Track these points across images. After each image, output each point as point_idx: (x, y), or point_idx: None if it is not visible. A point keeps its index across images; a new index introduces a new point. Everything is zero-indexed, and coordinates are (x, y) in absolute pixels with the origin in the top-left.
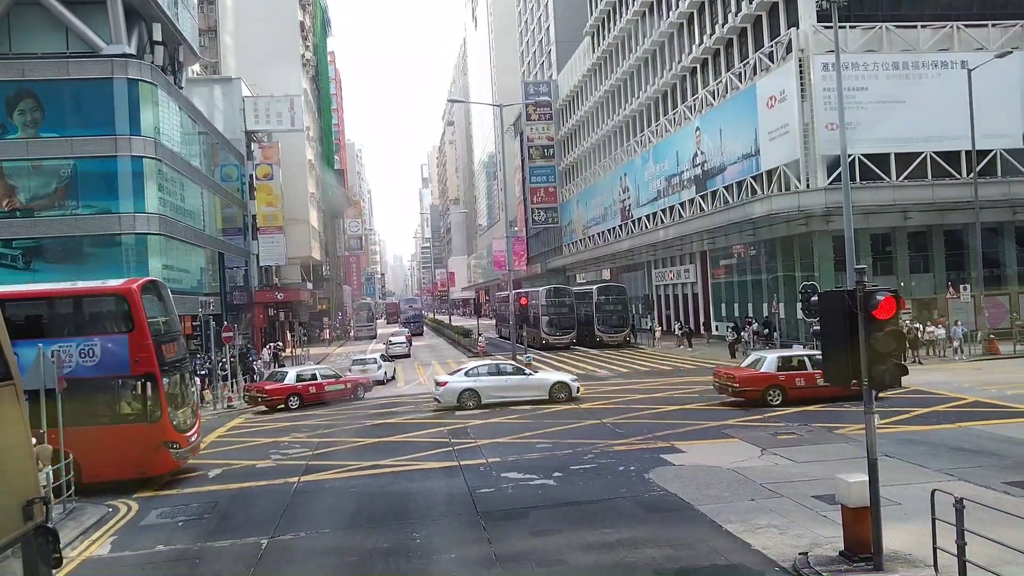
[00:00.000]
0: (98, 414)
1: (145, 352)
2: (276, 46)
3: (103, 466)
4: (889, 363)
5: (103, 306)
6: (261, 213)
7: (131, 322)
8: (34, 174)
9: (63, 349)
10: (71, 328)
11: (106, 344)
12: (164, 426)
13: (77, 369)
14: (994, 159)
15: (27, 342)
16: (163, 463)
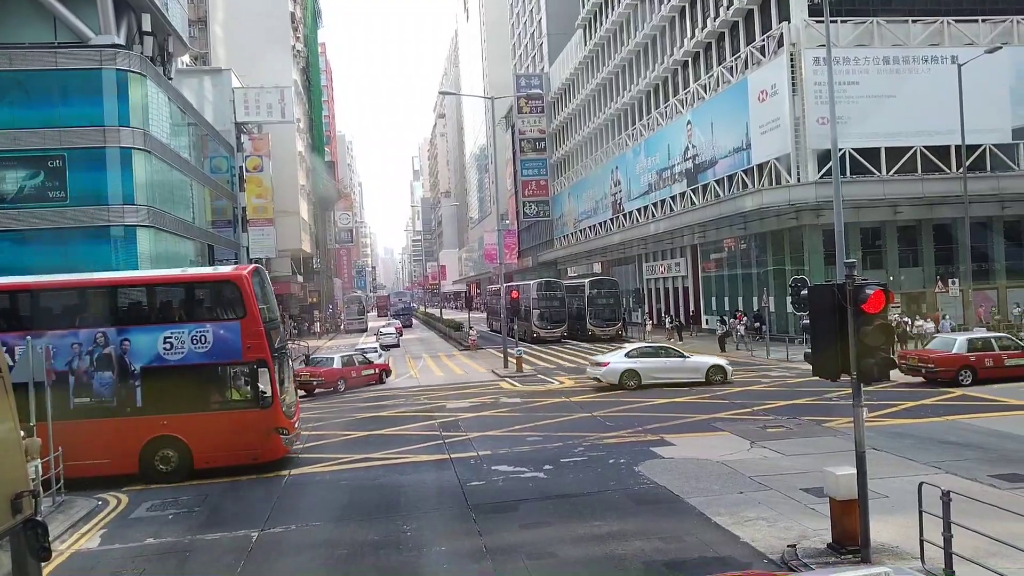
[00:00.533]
0: (210, 400)
1: (257, 338)
2: (266, 37)
3: (215, 452)
4: (878, 356)
5: (214, 292)
6: (251, 205)
7: (243, 308)
8: (21, 165)
9: (175, 335)
10: (182, 314)
11: (218, 330)
12: (276, 412)
13: (189, 355)
14: (983, 154)
15: (140, 328)
16: (274, 449)
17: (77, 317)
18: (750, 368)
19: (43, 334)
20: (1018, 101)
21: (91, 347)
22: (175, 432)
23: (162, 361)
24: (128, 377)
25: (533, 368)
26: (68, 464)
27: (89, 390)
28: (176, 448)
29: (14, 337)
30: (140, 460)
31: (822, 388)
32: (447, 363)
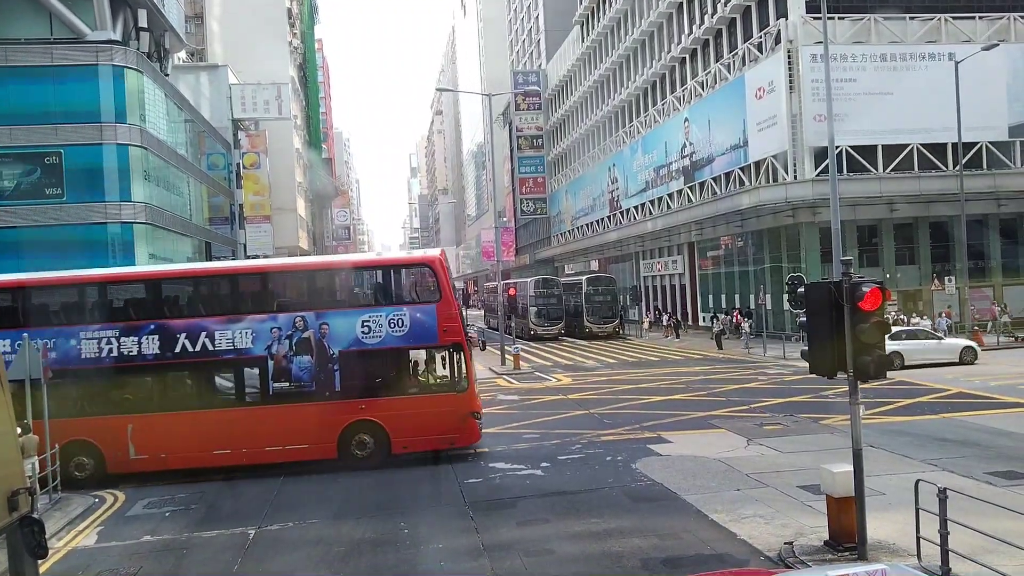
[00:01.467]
0: (407, 384)
1: (453, 321)
2: (263, 33)
3: (412, 437)
4: (874, 354)
5: (409, 276)
6: (248, 202)
7: (438, 291)
8: (17, 161)
9: (373, 319)
10: (379, 298)
11: (415, 314)
12: (472, 396)
13: (386, 339)
14: (980, 151)
15: (338, 312)
16: (471, 433)
17: (276, 301)
18: (747, 365)
19: (242, 318)
20: (1015, 98)
21: (290, 331)
22: (373, 417)
23: (360, 345)
24: (326, 361)
25: (530, 365)
26: (269, 449)
27: (288, 375)
28: (373, 433)
29: (218, 322)
30: (338, 445)
31: (819, 385)
32: None
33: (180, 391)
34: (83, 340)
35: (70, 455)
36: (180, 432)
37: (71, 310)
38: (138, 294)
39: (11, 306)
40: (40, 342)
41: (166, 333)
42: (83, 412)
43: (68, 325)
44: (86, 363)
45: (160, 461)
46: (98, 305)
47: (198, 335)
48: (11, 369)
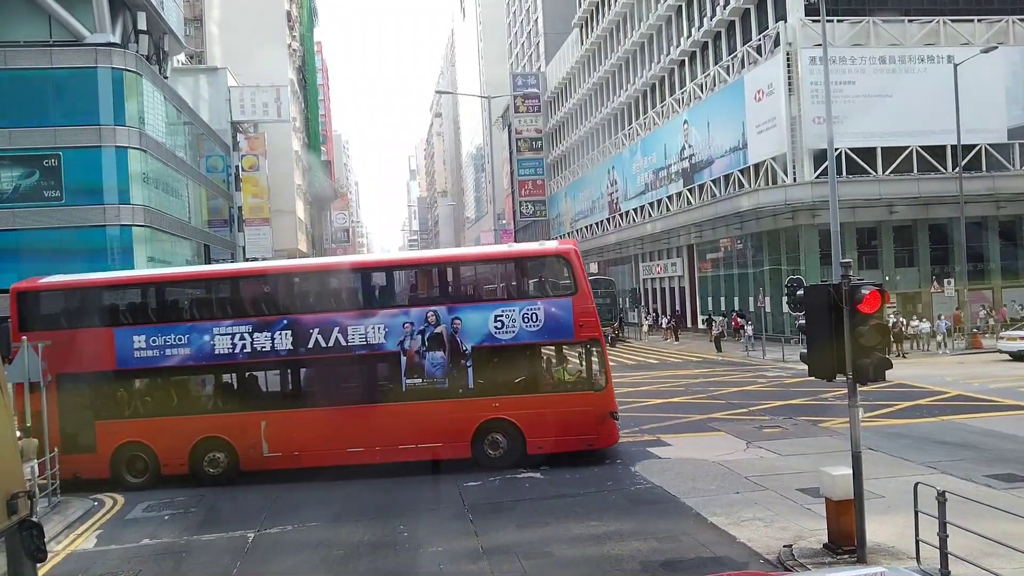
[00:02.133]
0: (542, 382)
1: (590, 316)
2: (262, 36)
3: (548, 437)
4: (873, 356)
5: (543, 268)
6: (247, 205)
7: (574, 284)
8: (15, 164)
9: (506, 313)
10: (512, 291)
11: (549, 308)
12: (610, 395)
13: (520, 334)
14: (979, 154)
15: (471, 306)
16: (610, 434)
17: (407, 295)
18: (746, 368)
19: (374, 313)
20: (1013, 101)
21: (422, 326)
22: (507, 415)
23: (493, 340)
24: (459, 357)
25: None
26: (402, 448)
27: (420, 371)
28: (507, 432)
29: (350, 317)
30: (472, 444)
31: (818, 388)
32: None
33: (312, 388)
34: (216, 336)
35: (204, 451)
36: (313, 429)
37: (204, 306)
38: (270, 289)
39: (143, 303)
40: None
41: (298, 329)
42: (216, 408)
43: (201, 321)
44: (219, 359)
45: (294, 459)
46: (231, 301)
47: (330, 330)
48: (11, 372)
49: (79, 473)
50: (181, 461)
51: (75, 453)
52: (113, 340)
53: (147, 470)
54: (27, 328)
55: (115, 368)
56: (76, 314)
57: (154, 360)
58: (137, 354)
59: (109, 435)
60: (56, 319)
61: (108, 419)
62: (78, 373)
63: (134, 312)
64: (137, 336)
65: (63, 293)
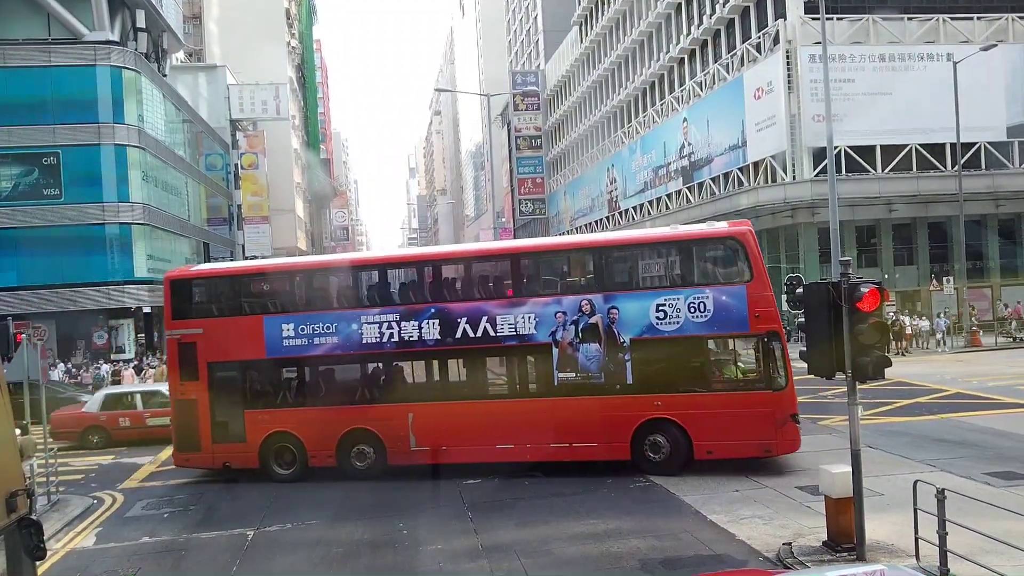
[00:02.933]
0: (710, 379)
1: (767, 305)
2: (261, 34)
3: (717, 440)
4: (873, 354)
5: (713, 252)
6: (246, 203)
7: (749, 270)
8: (15, 162)
9: (669, 302)
10: (676, 278)
11: (719, 296)
12: (791, 395)
13: (685, 325)
14: (978, 152)
15: (630, 295)
16: (792, 441)
17: (559, 283)
18: None
19: (524, 302)
20: (1013, 99)
21: (576, 316)
22: (670, 415)
23: (654, 332)
24: (616, 350)
25: None
26: (555, 447)
27: (574, 364)
28: (670, 434)
29: (499, 306)
30: (631, 446)
31: (817, 386)
32: None
33: (460, 380)
34: (363, 325)
35: (351, 444)
36: (461, 424)
37: (351, 294)
38: (417, 277)
39: (291, 291)
40: None
41: (446, 317)
42: (363, 399)
43: (349, 309)
44: (366, 348)
45: (441, 454)
46: (378, 289)
47: (479, 320)
48: (10, 370)
49: (229, 462)
50: (328, 453)
51: (225, 442)
52: (262, 328)
53: (295, 462)
54: (179, 316)
55: (264, 357)
56: (226, 302)
57: (302, 349)
58: (286, 343)
59: (258, 425)
60: (207, 307)
61: (257, 408)
62: (228, 362)
63: (283, 300)
64: (286, 324)
65: (214, 281)
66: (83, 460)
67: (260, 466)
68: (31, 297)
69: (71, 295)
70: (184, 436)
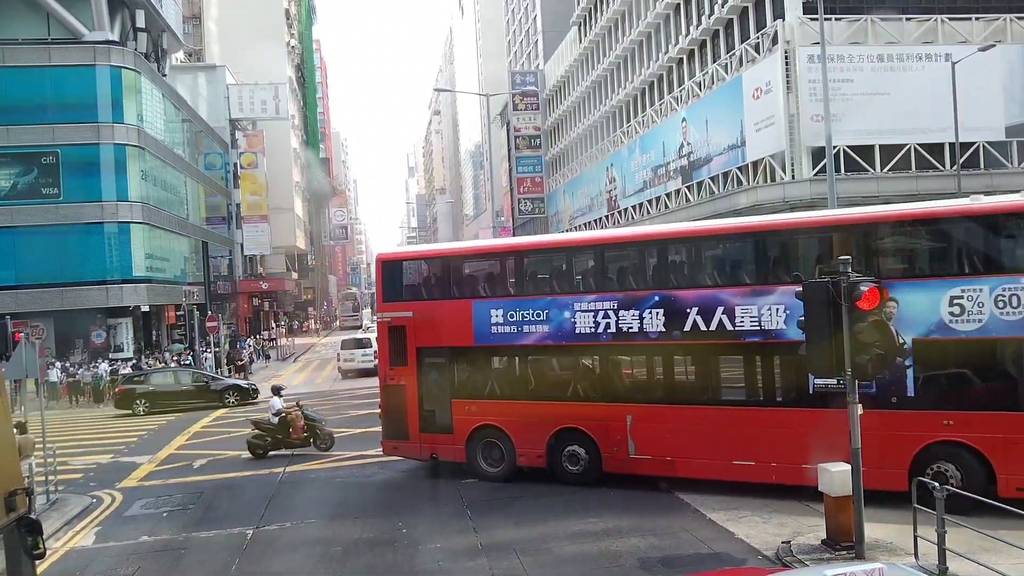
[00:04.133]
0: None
1: None
2: (261, 33)
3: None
4: (872, 353)
5: (1010, 231)
6: (245, 202)
7: None
8: (14, 161)
9: (967, 295)
10: (978, 263)
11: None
12: None
13: (991, 324)
14: (977, 151)
15: (914, 284)
16: None
17: (816, 267)
18: None
19: (771, 290)
20: (1011, 99)
21: None
22: (964, 438)
23: (946, 332)
24: (894, 353)
25: None
26: (806, 467)
27: None
28: (963, 462)
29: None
30: (909, 474)
31: None
32: None
33: (690, 380)
34: (577, 312)
35: (562, 444)
36: (689, 431)
37: (565, 278)
38: (640, 259)
39: (502, 273)
40: None
41: (673, 306)
42: (576, 396)
43: (562, 295)
44: (581, 339)
45: (665, 465)
46: (594, 272)
47: (712, 310)
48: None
49: (436, 454)
50: (538, 452)
51: (432, 432)
52: (470, 314)
53: (503, 459)
54: (389, 299)
55: (472, 344)
56: (436, 284)
57: (512, 337)
58: (494, 330)
59: (465, 416)
60: (417, 290)
61: (464, 398)
62: (436, 347)
63: (493, 283)
64: (495, 310)
65: (425, 262)
66: (82, 459)
67: (467, 461)
68: (29, 296)
69: (69, 294)
70: (392, 423)
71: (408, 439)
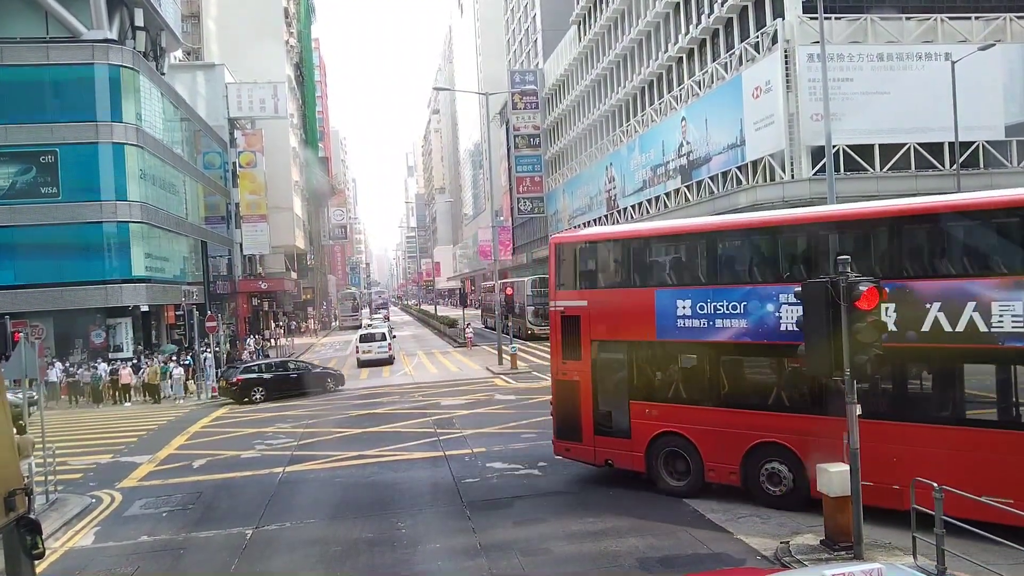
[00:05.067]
0: None
1: None
2: (260, 32)
3: None
4: (871, 353)
5: None
6: (244, 201)
7: None
8: (12, 161)
9: None
10: None
11: None
12: None
13: None
14: (976, 151)
15: None
16: None
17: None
18: None
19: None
20: (1011, 98)
21: None
22: None
23: None
24: None
25: (528, 365)
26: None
27: None
28: None
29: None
30: None
31: None
32: (442, 360)
33: (928, 391)
34: (783, 306)
35: (760, 461)
36: (932, 454)
37: (769, 263)
38: (863, 240)
39: (692, 258)
40: None
41: (908, 300)
42: (778, 405)
43: (763, 283)
44: (785, 337)
45: (892, 496)
46: (804, 256)
47: (960, 306)
48: (8, 368)
49: (612, 460)
50: (731, 469)
51: (608, 436)
52: (653, 304)
53: (688, 472)
54: (563, 286)
55: (654, 339)
56: (615, 270)
57: (701, 332)
58: (680, 323)
59: (645, 420)
60: (593, 276)
61: (644, 400)
62: (614, 341)
63: (681, 269)
64: (682, 301)
65: (605, 245)
66: (81, 459)
67: (647, 471)
68: (28, 296)
69: (69, 294)
70: (565, 423)
71: (581, 441)
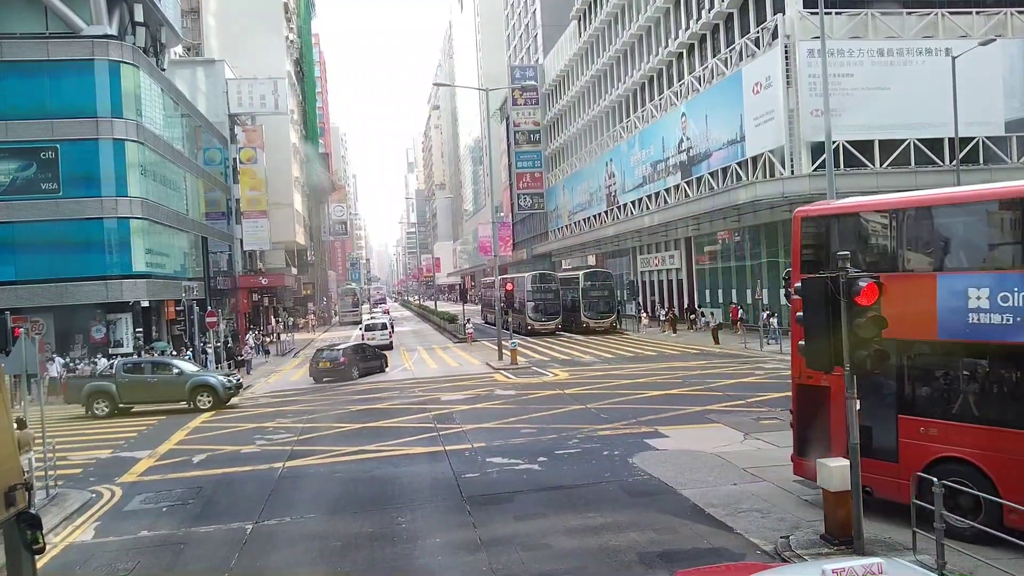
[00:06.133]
0: None
1: None
2: (260, 28)
3: None
4: (871, 348)
5: None
6: (245, 197)
7: None
8: (13, 156)
9: None
10: None
11: None
12: None
13: None
14: (976, 146)
15: None
16: None
17: None
18: (744, 360)
19: None
20: (1011, 93)
21: None
22: None
23: None
24: None
25: (527, 360)
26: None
27: None
28: None
29: None
30: None
31: None
32: (442, 355)
33: None
34: None
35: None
36: None
37: None
38: None
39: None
40: None
41: None
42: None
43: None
44: None
45: None
46: None
47: None
48: (8, 364)
49: (870, 487)
50: None
51: (866, 456)
52: (934, 293)
53: (977, 509)
54: (810, 268)
55: (935, 338)
56: (878, 250)
57: (1010, 331)
58: (974, 318)
59: (918, 441)
60: (852, 257)
61: (918, 416)
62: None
63: (974, 249)
64: (976, 289)
65: (866, 218)
66: (81, 454)
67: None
68: (29, 291)
69: (69, 289)
70: (808, 437)
71: None
